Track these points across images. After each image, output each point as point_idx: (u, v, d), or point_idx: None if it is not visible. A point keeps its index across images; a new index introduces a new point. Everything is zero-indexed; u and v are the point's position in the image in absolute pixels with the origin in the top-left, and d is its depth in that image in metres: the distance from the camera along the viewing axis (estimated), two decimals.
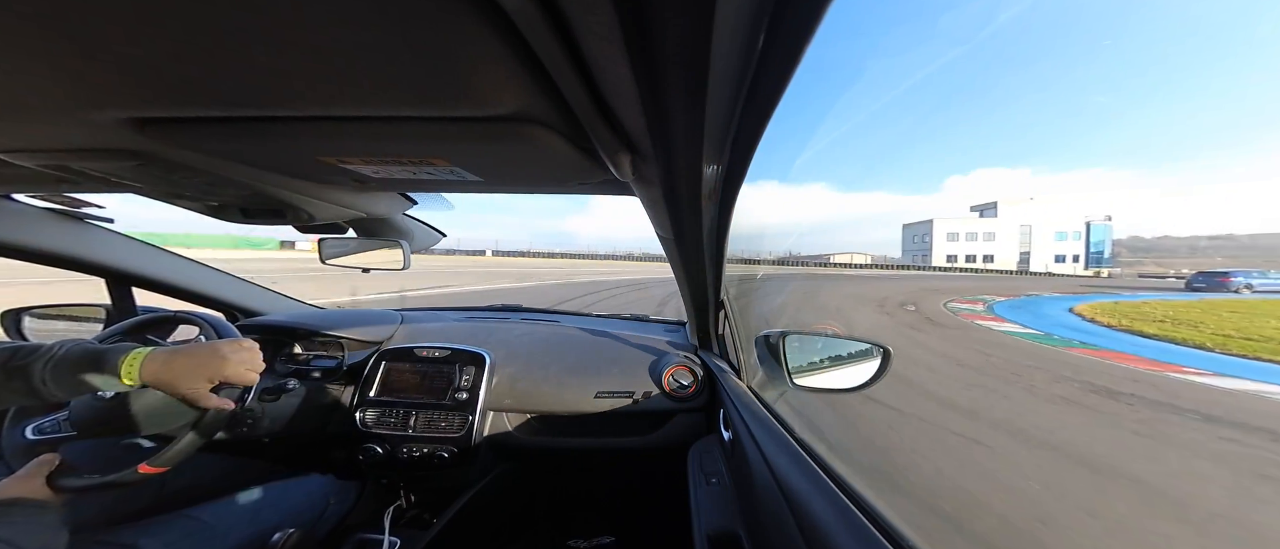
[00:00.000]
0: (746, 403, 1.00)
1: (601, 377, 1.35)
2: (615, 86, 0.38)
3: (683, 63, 0.33)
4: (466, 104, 0.45)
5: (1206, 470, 2.88)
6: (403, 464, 1.23)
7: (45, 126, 0.53)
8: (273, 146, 0.60)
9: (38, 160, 0.65)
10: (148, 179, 0.74)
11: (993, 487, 2.56)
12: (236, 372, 0.80)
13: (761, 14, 0.32)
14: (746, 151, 0.54)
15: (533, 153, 0.58)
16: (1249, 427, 3.54)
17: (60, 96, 0.45)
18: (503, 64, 0.36)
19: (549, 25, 0.29)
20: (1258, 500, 2.55)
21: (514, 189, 0.85)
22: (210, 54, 0.36)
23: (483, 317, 1.77)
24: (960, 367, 5.43)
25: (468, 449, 1.24)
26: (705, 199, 0.65)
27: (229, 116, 0.50)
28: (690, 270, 1.08)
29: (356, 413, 1.27)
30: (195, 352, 0.79)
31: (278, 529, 0.99)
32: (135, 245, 1.33)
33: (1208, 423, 3.68)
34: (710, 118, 0.42)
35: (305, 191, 0.88)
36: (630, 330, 1.62)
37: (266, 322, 1.53)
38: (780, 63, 0.37)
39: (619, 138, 0.48)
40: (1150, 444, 3.23)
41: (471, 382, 1.30)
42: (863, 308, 11.51)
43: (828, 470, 0.66)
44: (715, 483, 1.01)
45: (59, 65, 0.38)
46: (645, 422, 1.34)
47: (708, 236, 0.85)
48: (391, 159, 0.63)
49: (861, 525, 0.52)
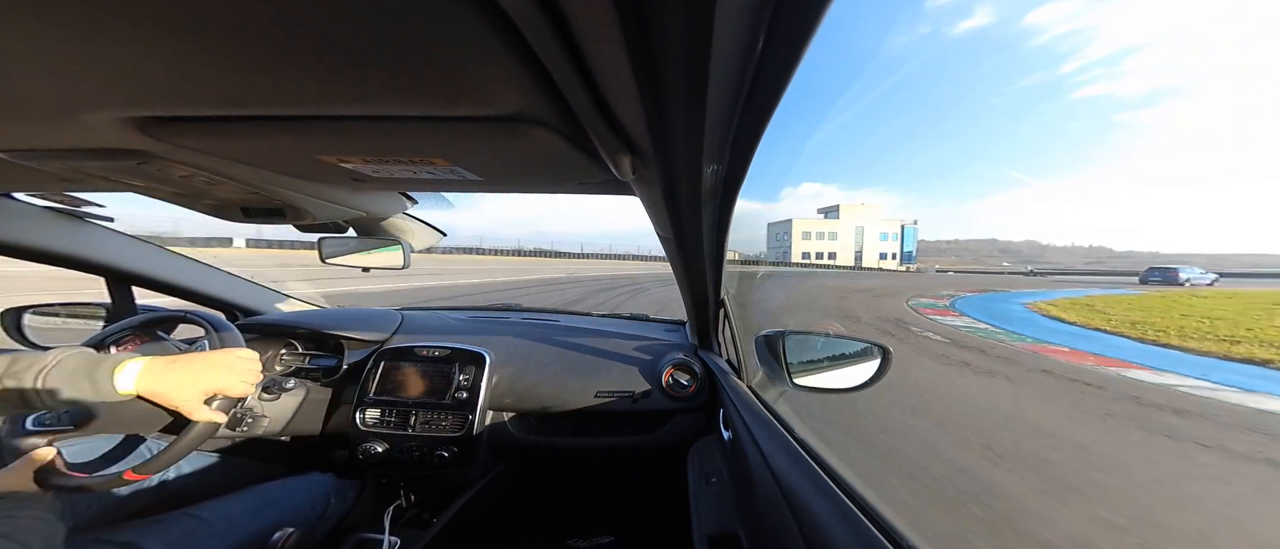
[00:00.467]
0: (746, 403, 1.00)
1: (601, 376, 1.35)
2: (615, 86, 0.38)
3: (683, 63, 0.33)
4: (466, 104, 0.45)
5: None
6: (403, 464, 1.23)
7: (45, 126, 0.54)
8: (273, 146, 0.60)
9: (38, 160, 0.65)
10: (148, 179, 0.74)
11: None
12: (231, 384, 0.80)
13: (761, 14, 0.32)
14: (746, 152, 0.54)
15: (533, 153, 0.58)
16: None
17: (60, 96, 0.45)
18: (503, 64, 0.36)
19: (549, 25, 0.29)
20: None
21: (514, 189, 0.85)
22: (211, 54, 0.36)
23: (483, 316, 1.77)
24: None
25: (468, 449, 1.24)
26: (705, 199, 0.65)
27: (229, 116, 0.50)
28: (690, 270, 1.08)
29: (356, 412, 1.27)
30: (191, 363, 0.78)
31: (278, 529, 0.99)
32: (135, 245, 1.33)
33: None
34: (710, 118, 0.42)
35: (305, 191, 0.88)
36: (630, 330, 1.62)
37: (266, 321, 1.53)
38: (780, 63, 0.37)
39: (619, 138, 0.48)
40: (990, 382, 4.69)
41: (471, 381, 1.29)
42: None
43: (828, 470, 0.66)
44: (715, 483, 1.01)
45: (59, 65, 0.38)
46: (645, 421, 1.34)
47: (708, 236, 0.85)
48: (391, 158, 0.63)
49: (861, 525, 0.52)
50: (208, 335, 0.99)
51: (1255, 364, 6.09)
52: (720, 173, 0.61)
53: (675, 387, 1.32)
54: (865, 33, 52.28)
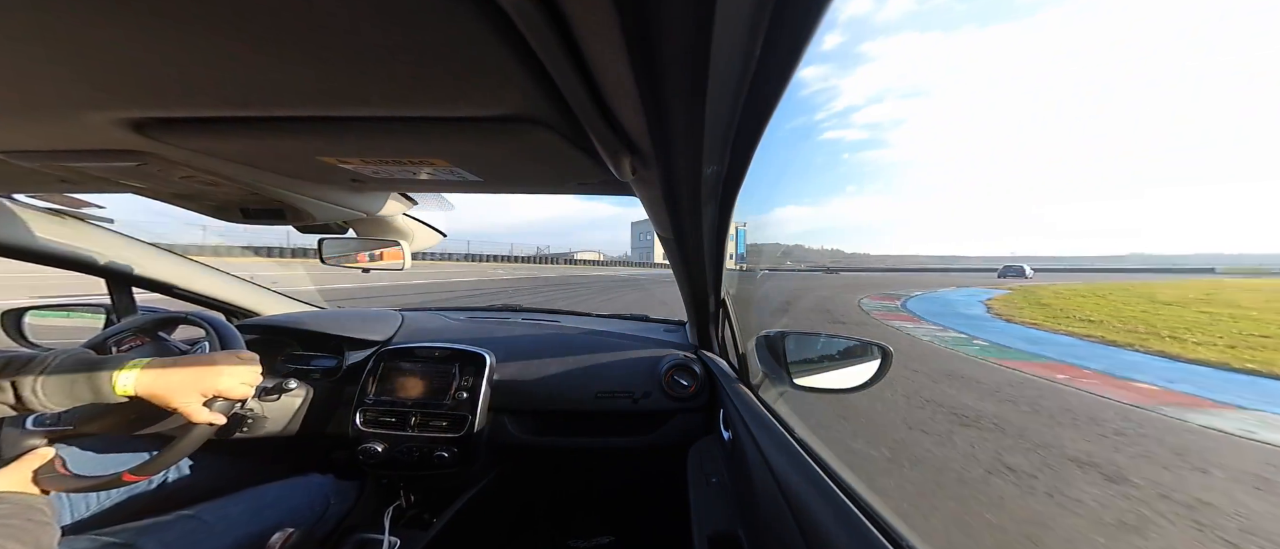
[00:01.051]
0: (746, 403, 1.00)
1: (601, 377, 1.35)
2: (615, 86, 0.38)
3: (683, 63, 0.33)
4: (466, 104, 0.45)
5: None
6: (403, 464, 1.23)
7: (45, 126, 0.54)
8: (273, 146, 0.60)
9: (38, 160, 0.65)
10: (148, 179, 0.74)
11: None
12: (230, 386, 0.80)
13: (761, 14, 0.32)
14: (746, 152, 0.54)
15: (533, 153, 0.58)
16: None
17: (60, 96, 0.45)
18: (502, 64, 0.36)
19: (549, 25, 0.29)
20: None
21: (514, 189, 0.85)
22: (210, 54, 0.36)
23: (483, 316, 1.77)
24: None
25: (468, 449, 1.24)
26: (705, 199, 0.65)
27: (229, 116, 0.50)
28: (690, 270, 1.08)
29: (356, 413, 1.27)
30: (190, 365, 0.78)
31: (278, 529, 0.99)
32: (135, 245, 1.33)
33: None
34: (710, 118, 0.42)
35: (305, 191, 0.88)
36: (630, 330, 1.62)
37: (266, 321, 1.53)
38: (780, 63, 0.37)
39: (619, 138, 0.48)
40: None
41: (472, 381, 1.29)
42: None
43: (827, 470, 0.65)
44: (715, 483, 1.01)
45: (59, 65, 0.38)
46: (645, 422, 1.34)
47: (708, 237, 0.85)
48: (391, 159, 0.63)
49: (861, 525, 0.52)
50: (208, 337, 0.98)
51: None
52: (720, 173, 0.61)
53: (675, 387, 1.32)
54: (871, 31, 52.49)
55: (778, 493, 0.69)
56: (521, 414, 1.34)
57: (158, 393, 0.73)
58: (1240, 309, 12.57)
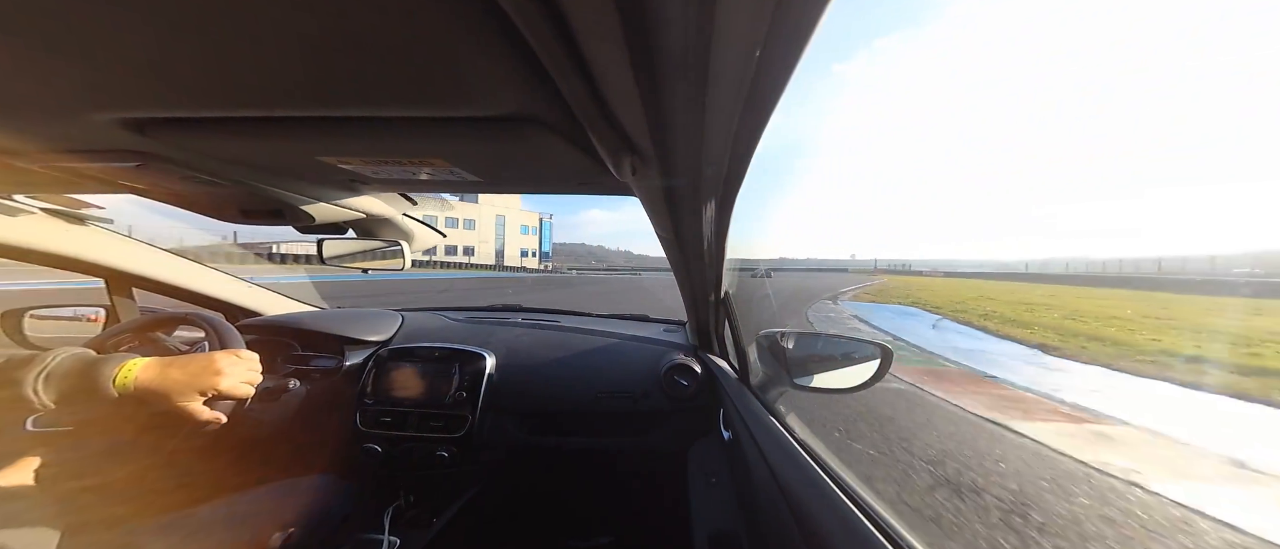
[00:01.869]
0: (746, 403, 1.00)
1: (601, 377, 1.35)
2: (615, 86, 0.38)
3: (683, 63, 0.33)
4: (466, 104, 0.45)
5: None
6: (403, 464, 1.23)
7: (45, 127, 0.54)
8: (273, 146, 0.60)
9: (38, 161, 0.65)
10: (148, 179, 0.74)
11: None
12: (231, 385, 0.80)
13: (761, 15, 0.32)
14: (746, 152, 0.54)
15: (533, 153, 0.58)
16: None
17: (60, 97, 0.45)
18: (503, 64, 0.36)
19: (549, 25, 0.29)
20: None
21: (514, 189, 0.85)
22: (210, 54, 0.36)
23: (483, 317, 1.77)
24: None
25: (468, 449, 1.23)
26: (705, 199, 0.65)
27: (229, 117, 0.50)
28: (690, 270, 1.08)
29: (356, 413, 1.27)
30: (190, 363, 0.78)
31: (278, 529, 0.99)
32: (135, 246, 1.33)
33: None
34: (710, 118, 0.42)
35: (305, 192, 0.88)
36: (630, 330, 1.62)
37: (266, 321, 1.53)
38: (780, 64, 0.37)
39: (619, 138, 0.48)
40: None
41: (471, 382, 1.29)
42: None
43: (827, 470, 0.65)
44: (715, 483, 1.01)
45: (59, 66, 0.38)
46: (645, 422, 1.34)
47: (708, 237, 0.85)
48: (391, 159, 0.63)
49: (861, 525, 0.52)
50: (208, 336, 0.98)
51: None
52: (720, 173, 0.61)
53: (675, 387, 1.32)
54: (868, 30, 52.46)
55: (778, 493, 0.69)
56: (521, 414, 1.33)
57: (158, 392, 0.73)
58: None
